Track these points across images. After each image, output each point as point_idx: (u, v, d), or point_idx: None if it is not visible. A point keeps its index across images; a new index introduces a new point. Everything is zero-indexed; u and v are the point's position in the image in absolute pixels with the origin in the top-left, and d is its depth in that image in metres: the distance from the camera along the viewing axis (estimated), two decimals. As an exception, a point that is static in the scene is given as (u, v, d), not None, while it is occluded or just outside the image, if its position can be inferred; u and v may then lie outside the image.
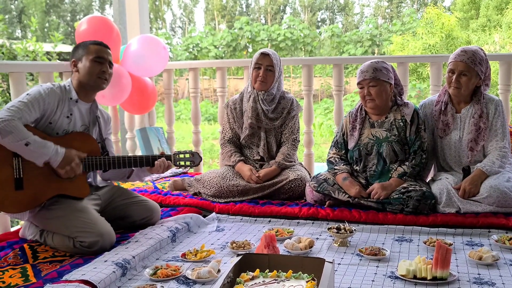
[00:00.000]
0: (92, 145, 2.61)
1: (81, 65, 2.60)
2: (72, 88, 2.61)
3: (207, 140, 11.22)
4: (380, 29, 21.94)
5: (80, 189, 2.57)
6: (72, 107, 2.59)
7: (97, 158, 2.59)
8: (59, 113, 2.53)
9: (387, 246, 2.41)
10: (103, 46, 2.68)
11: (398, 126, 3.01)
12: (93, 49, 2.62)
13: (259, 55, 3.31)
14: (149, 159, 2.70)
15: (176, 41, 30.86)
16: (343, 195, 2.95)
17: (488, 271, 2.10)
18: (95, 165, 2.58)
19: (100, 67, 2.62)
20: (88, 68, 2.59)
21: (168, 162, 2.73)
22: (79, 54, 2.63)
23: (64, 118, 2.55)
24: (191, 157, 2.83)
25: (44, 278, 2.05)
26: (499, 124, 2.94)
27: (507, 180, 2.75)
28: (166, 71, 4.37)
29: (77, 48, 2.67)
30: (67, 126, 2.56)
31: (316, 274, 1.82)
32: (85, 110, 2.66)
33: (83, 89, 2.63)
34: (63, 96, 2.56)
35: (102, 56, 2.64)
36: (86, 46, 2.64)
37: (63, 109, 2.55)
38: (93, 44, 2.65)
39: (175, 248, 2.51)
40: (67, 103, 2.57)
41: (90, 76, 2.59)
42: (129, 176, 2.85)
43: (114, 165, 2.63)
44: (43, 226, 2.52)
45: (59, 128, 2.54)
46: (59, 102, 2.53)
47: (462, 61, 2.89)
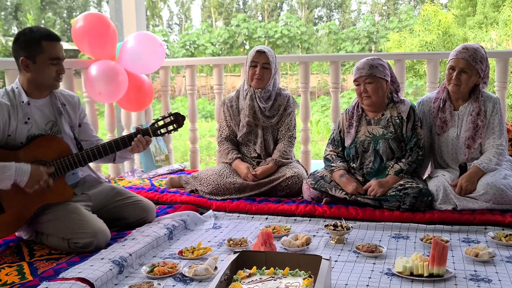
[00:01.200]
0: (59, 145, 2.45)
1: (34, 66, 2.38)
2: (22, 89, 2.41)
3: (204, 137, 11.19)
4: (377, 26, 21.94)
5: (62, 193, 2.46)
6: (27, 110, 2.41)
7: (68, 158, 2.44)
8: (15, 123, 2.37)
9: (383, 243, 2.41)
10: (56, 41, 2.42)
11: (395, 123, 3.02)
12: (47, 48, 2.37)
13: (255, 53, 3.30)
14: (125, 140, 2.52)
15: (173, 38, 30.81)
16: (340, 192, 2.95)
17: (485, 267, 2.10)
18: (68, 166, 2.45)
19: (57, 69, 2.42)
20: (45, 70, 2.39)
21: (145, 137, 2.54)
22: (30, 51, 2.36)
23: (22, 125, 2.39)
24: (173, 120, 2.59)
25: (40, 276, 2.05)
26: (496, 122, 2.94)
27: (503, 177, 2.75)
28: (163, 68, 4.36)
29: (26, 41, 2.37)
30: (28, 131, 2.41)
31: (313, 271, 1.82)
32: (44, 106, 2.49)
33: (36, 88, 2.44)
34: (13, 102, 2.38)
35: (59, 56, 2.43)
36: (38, 43, 2.36)
37: (17, 116, 2.38)
38: (46, 40, 2.38)
39: (172, 246, 2.51)
40: (20, 108, 2.39)
41: (46, 79, 2.41)
42: (114, 159, 2.71)
43: (85, 160, 2.47)
44: (38, 229, 2.48)
45: (21, 137, 2.39)
46: (9, 112, 2.36)
47: (464, 58, 2.89)
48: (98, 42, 3.74)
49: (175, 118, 2.59)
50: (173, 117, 2.58)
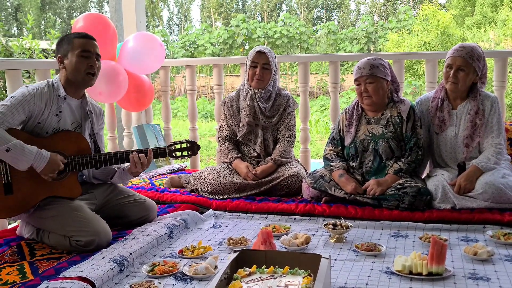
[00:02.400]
0: (81, 143, 2.54)
1: (67, 62, 2.50)
2: (60, 84, 2.53)
3: (204, 137, 11.21)
4: (376, 26, 21.95)
5: (71, 189, 2.52)
6: (61, 105, 2.51)
7: (86, 156, 2.51)
8: (47, 112, 2.46)
9: (383, 242, 2.42)
10: (88, 38, 2.56)
11: (394, 122, 3.03)
12: (78, 43, 2.51)
13: (255, 53, 3.31)
14: (128, 153, 2.61)
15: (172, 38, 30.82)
16: (339, 192, 2.96)
17: (483, 266, 2.11)
18: (84, 165, 2.52)
19: (87, 62, 2.51)
20: (74, 64, 2.49)
21: (141, 156, 2.60)
22: (64, 49, 2.52)
23: (53, 117, 2.48)
24: (188, 147, 2.73)
25: (41, 275, 2.05)
26: (495, 121, 2.95)
27: (502, 176, 2.76)
28: (163, 68, 4.37)
29: (61, 42, 2.55)
30: (56, 124, 2.50)
31: (313, 270, 1.83)
32: (75, 107, 2.59)
33: (72, 85, 2.54)
34: (51, 94, 2.49)
35: (88, 49, 2.52)
36: (70, 40, 2.52)
37: (51, 107, 2.47)
38: (77, 38, 2.52)
39: (173, 245, 2.51)
40: (56, 101, 2.49)
41: (77, 73, 2.50)
42: (112, 177, 2.77)
43: (101, 162, 2.56)
44: (39, 225, 2.50)
45: (49, 127, 2.48)
46: (47, 102, 2.46)
47: (460, 56, 2.90)
48: (98, 43, 3.70)
49: (191, 146, 2.74)
50: (190, 144, 2.74)
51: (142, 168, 2.63)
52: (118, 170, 2.76)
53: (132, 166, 2.62)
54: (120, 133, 4.60)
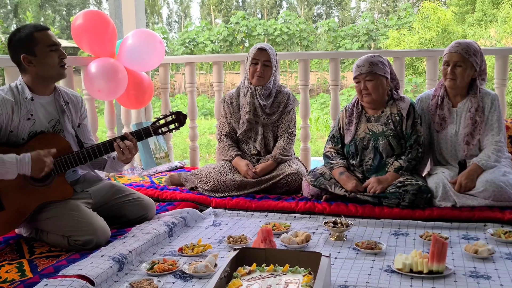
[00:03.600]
0: (60, 144, 2.44)
1: (36, 59, 2.37)
2: (25, 86, 2.41)
3: (203, 134, 11.20)
4: (376, 23, 21.91)
5: (62, 191, 2.46)
6: (31, 107, 2.40)
7: (68, 156, 2.44)
8: (17, 119, 2.36)
9: (383, 240, 2.42)
10: (46, 29, 2.43)
11: (395, 120, 3.02)
12: (41, 38, 2.38)
13: (256, 50, 3.30)
14: (112, 142, 2.50)
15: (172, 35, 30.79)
16: (339, 190, 2.95)
17: (484, 264, 2.11)
18: (68, 164, 2.45)
19: (58, 55, 2.42)
20: (47, 60, 2.38)
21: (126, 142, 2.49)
22: (26, 47, 2.36)
23: (25, 121, 2.38)
24: (174, 118, 2.58)
25: (40, 273, 2.05)
26: (495, 118, 2.94)
27: (503, 174, 2.75)
28: (163, 65, 4.36)
29: (20, 40, 2.38)
30: (30, 128, 2.40)
31: (313, 268, 1.82)
32: (47, 103, 2.48)
33: (42, 82, 2.44)
34: (17, 98, 2.37)
35: (54, 42, 2.41)
36: (29, 36, 2.36)
37: (20, 113, 2.37)
38: (36, 31, 2.38)
39: (172, 243, 2.51)
40: (24, 105, 2.38)
41: (51, 68, 2.40)
42: (104, 166, 2.71)
43: (86, 158, 2.46)
44: (37, 226, 2.47)
45: (23, 133, 2.39)
46: (13, 108, 2.35)
47: (456, 52, 2.90)
48: (98, 40, 3.73)
49: (177, 117, 2.58)
50: (175, 115, 2.58)
51: (130, 153, 2.51)
52: (108, 159, 2.68)
53: (119, 154, 2.51)
54: (120, 131, 4.59)
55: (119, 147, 2.50)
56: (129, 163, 2.68)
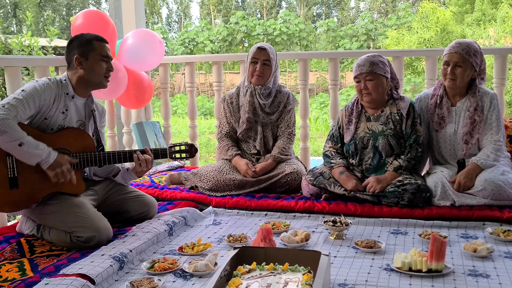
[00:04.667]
0: (86, 141, 2.58)
1: (87, 63, 2.55)
2: (69, 83, 2.56)
3: (203, 134, 11.20)
4: (375, 23, 21.91)
5: (76, 186, 2.53)
6: (68, 103, 2.55)
7: (90, 154, 2.55)
8: (55, 109, 2.49)
9: (382, 239, 2.43)
10: (105, 42, 2.65)
11: (394, 119, 3.02)
12: (99, 47, 2.59)
13: (256, 49, 3.31)
14: (132, 152, 2.67)
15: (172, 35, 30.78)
16: (339, 189, 2.96)
17: (483, 263, 2.11)
18: (88, 162, 2.55)
19: (106, 66, 2.61)
20: (96, 67, 2.57)
21: (145, 156, 2.67)
22: (82, 50, 2.56)
23: (59, 114, 2.51)
24: (187, 149, 2.81)
25: (41, 272, 2.06)
26: (494, 118, 2.95)
27: (501, 174, 2.76)
28: (162, 65, 4.37)
29: (80, 42, 2.59)
30: (62, 121, 2.52)
31: (312, 267, 1.83)
32: (81, 105, 2.63)
33: (84, 85, 2.60)
34: (59, 91, 2.52)
35: (107, 54, 2.62)
36: (90, 42, 2.58)
37: (58, 104, 2.50)
38: (96, 41, 2.60)
39: (172, 242, 2.52)
40: (63, 99, 2.53)
41: (97, 76, 2.58)
42: (114, 175, 2.81)
43: (106, 161, 2.60)
44: (40, 221, 2.51)
45: (54, 124, 2.50)
46: (55, 98, 2.49)
47: (457, 52, 2.91)
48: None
49: (190, 149, 2.81)
50: (188, 147, 2.81)
51: (146, 167, 2.68)
52: (122, 169, 2.79)
53: (137, 165, 2.67)
54: (120, 130, 4.60)
55: (138, 159, 2.65)
56: (141, 177, 2.84)
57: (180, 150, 2.80)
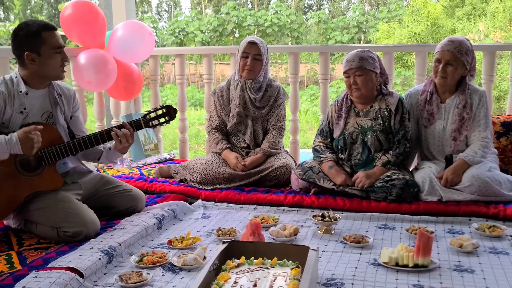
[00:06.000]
0: (51, 134, 2.44)
1: (40, 59, 2.39)
2: (21, 80, 2.40)
3: (193, 125, 11.18)
4: (366, 16, 21.92)
5: (52, 181, 2.47)
6: (24, 101, 2.40)
7: (59, 146, 2.44)
8: (10, 111, 2.36)
9: (370, 234, 2.45)
10: (54, 29, 2.44)
11: (383, 115, 3.04)
12: (50, 39, 2.39)
13: (247, 44, 3.30)
14: (109, 132, 2.52)
15: (162, 25, 30.51)
16: (328, 183, 2.98)
17: (468, 258, 2.14)
18: (59, 154, 2.45)
19: (61, 57, 2.45)
20: (50, 62, 2.41)
21: (124, 130, 2.52)
22: (33, 45, 2.37)
23: (17, 114, 2.39)
24: (165, 112, 2.63)
25: (29, 265, 2.05)
26: (482, 115, 2.98)
27: (488, 170, 2.80)
28: (152, 57, 4.34)
29: (27, 35, 2.37)
30: (22, 121, 2.39)
31: (301, 261, 1.85)
32: (42, 97, 2.49)
33: (40, 79, 2.45)
34: (10, 91, 2.38)
35: (60, 44, 2.43)
36: (38, 34, 2.37)
37: (13, 105, 2.37)
38: (44, 31, 2.39)
39: (161, 235, 2.52)
40: (18, 98, 2.39)
41: (52, 69, 2.43)
42: (99, 158, 2.72)
43: (77, 148, 2.47)
44: (27, 217, 2.47)
45: (15, 126, 2.38)
46: (6, 100, 2.36)
47: (449, 51, 2.92)
48: (87, 31, 3.71)
49: (167, 111, 2.62)
50: (165, 109, 2.62)
51: (127, 142, 2.55)
52: (104, 150, 2.70)
53: (117, 142, 2.55)
54: (109, 122, 4.57)
55: (117, 136, 2.52)
56: (125, 153, 2.70)
57: (157, 116, 2.61)
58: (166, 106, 2.63)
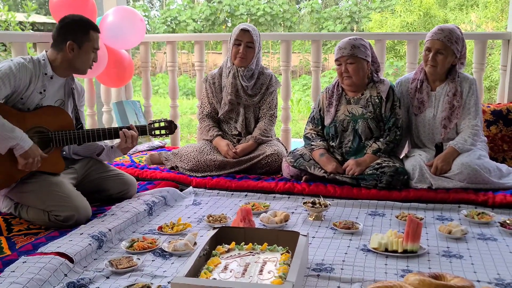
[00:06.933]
0: (64, 119, 2.54)
1: (79, 51, 2.52)
2: (48, 63, 2.50)
3: (185, 114, 11.13)
4: (359, 6, 21.86)
5: (55, 164, 2.52)
6: (46, 83, 2.49)
7: (69, 132, 2.53)
8: (32, 89, 2.44)
9: (360, 220, 2.46)
10: (99, 32, 2.63)
11: (374, 103, 3.05)
12: (94, 38, 2.57)
13: (239, 31, 3.28)
14: (117, 130, 2.67)
15: (154, 13, 30.25)
16: (319, 171, 2.99)
17: (457, 244, 2.17)
18: (67, 140, 2.53)
19: (94, 57, 2.61)
20: (86, 57, 2.55)
21: (131, 132, 2.68)
22: (78, 37, 2.51)
23: (36, 94, 2.46)
24: (167, 126, 2.82)
25: (19, 250, 2.05)
26: (472, 103, 2.99)
27: (478, 158, 2.82)
28: (143, 44, 4.31)
29: (77, 27, 2.53)
30: (39, 101, 2.47)
31: (291, 247, 1.86)
32: (60, 85, 2.58)
33: (67, 68, 2.55)
34: (37, 71, 2.45)
35: (99, 47, 2.61)
36: (87, 31, 2.54)
37: (36, 84, 2.45)
38: (93, 31, 2.57)
39: (152, 222, 2.52)
40: (41, 79, 2.47)
41: (84, 64, 2.57)
42: (99, 154, 2.79)
43: (86, 138, 2.58)
44: (18, 199, 2.49)
45: (31, 104, 2.45)
46: (31, 78, 2.42)
47: (439, 39, 2.92)
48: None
49: (169, 125, 2.83)
50: (167, 123, 2.83)
51: (132, 144, 2.69)
52: (106, 147, 2.78)
53: (122, 142, 2.67)
54: (99, 109, 4.54)
55: (124, 135, 2.65)
56: (126, 154, 2.85)
57: (160, 127, 2.81)
58: (169, 121, 2.84)
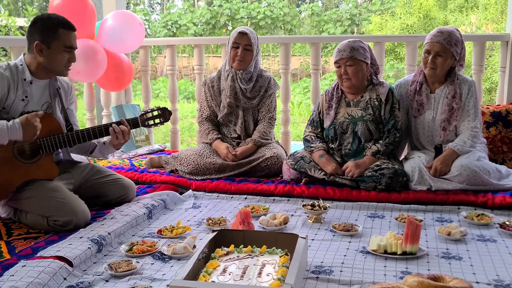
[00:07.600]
0: (51, 123, 2.48)
1: (48, 52, 2.42)
2: (26, 68, 2.44)
3: (186, 118, 11.13)
4: (359, 8, 21.88)
5: (48, 171, 2.49)
6: (27, 89, 2.43)
7: (58, 136, 2.47)
8: (13, 97, 2.38)
9: (359, 222, 2.46)
10: (72, 30, 2.50)
11: (373, 105, 3.05)
12: (63, 36, 2.44)
13: (237, 34, 3.29)
14: (107, 127, 2.58)
15: (154, 17, 30.32)
16: (319, 173, 2.99)
17: (456, 246, 2.16)
18: (57, 145, 2.48)
19: (69, 57, 2.49)
20: (57, 57, 2.45)
21: (121, 127, 2.58)
22: (45, 37, 2.41)
23: (19, 101, 2.41)
24: (160, 113, 2.72)
25: (18, 254, 2.05)
26: (471, 105, 2.99)
27: (477, 159, 2.82)
28: (143, 47, 4.32)
29: (44, 26, 2.43)
30: (23, 108, 2.42)
31: (290, 250, 1.86)
32: (43, 87, 2.52)
33: (44, 71, 2.48)
34: (15, 78, 2.40)
35: (72, 44, 2.49)
36: (55, 29, 2.42)
37: (16, 92, 2.39)
38: (62, 28, 2.44)
39: (151, 225, 2.52)
40: (21, 85, 2.41)
41: (57, 65, 2.47)
42: (92, 151, 2.75)
43: (76, 140, 2.52)
44: (17, 206, 2.48)
45: (15, 112, 2.40)
46: (9, 86, 2.37)
47: (438, 42, 2.93)
48: (77, 21, 3.61)
49: (163, 113, 2.73)
50: (161, 111, 2.72)
51: (124, 138, 2.61)
52: (98, 144, 2.73)
53: (113, 138, 2.60)
54: (99, 113, 4.55)
55: (114, 131, 2.57)
56: (119, 149, 2.77)
57: (153, 116, 2.71)
58: (162, 108, 2.73)
